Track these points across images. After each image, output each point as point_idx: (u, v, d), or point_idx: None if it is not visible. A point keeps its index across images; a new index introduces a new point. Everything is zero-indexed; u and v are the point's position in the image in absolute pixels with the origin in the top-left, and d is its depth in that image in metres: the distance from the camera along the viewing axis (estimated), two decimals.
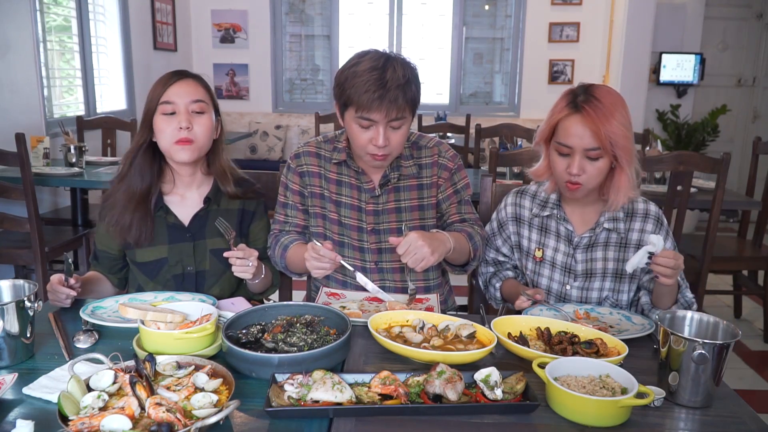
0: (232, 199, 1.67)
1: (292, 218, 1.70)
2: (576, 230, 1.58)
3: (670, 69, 5.70)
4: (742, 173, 5.77)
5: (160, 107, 1.53)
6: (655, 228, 1.54)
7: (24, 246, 2.84)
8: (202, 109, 1.55)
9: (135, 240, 1.58)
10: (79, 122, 3.94)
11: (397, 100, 1.44)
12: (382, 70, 1.44)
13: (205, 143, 1.58)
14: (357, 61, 1.48)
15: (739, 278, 3.49)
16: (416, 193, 1.66)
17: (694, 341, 1.06)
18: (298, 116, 6.17)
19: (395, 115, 1.46)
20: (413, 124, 1.63)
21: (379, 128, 1.48)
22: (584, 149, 1.43)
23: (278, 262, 1.67)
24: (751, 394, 2.76)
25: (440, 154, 1.67)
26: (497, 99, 6.33)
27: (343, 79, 1.49)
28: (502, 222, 1.70)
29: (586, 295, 1.59)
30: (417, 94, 1.50)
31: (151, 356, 1.08)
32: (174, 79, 1.55)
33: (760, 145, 3.43)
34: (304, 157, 1.69)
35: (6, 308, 1.16)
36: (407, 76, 1.46)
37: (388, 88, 1.43)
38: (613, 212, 1.55)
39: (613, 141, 1.40)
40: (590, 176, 1.45)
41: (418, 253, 1.40)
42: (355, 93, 1.45)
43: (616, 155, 1.43)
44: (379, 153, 1.51)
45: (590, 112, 1.40)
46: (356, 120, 1.49)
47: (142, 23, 5.06)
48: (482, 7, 6.11)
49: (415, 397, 1.05)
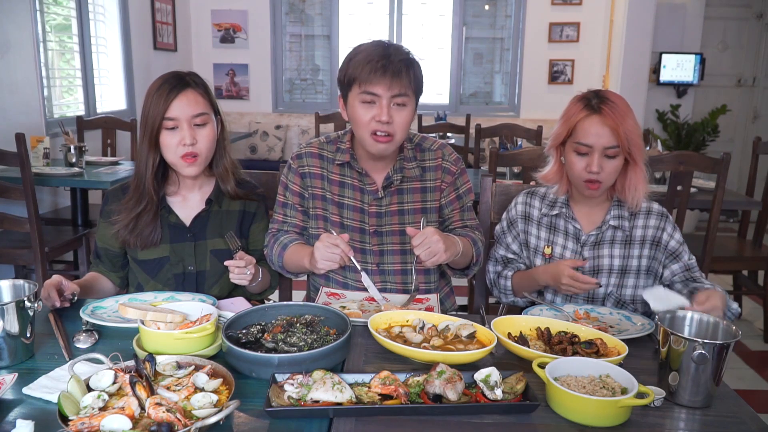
0: (233, 199, 1.66)
1: (291, 218, 1.70)
2: (583, 229, 1.63)
3: (670, 69, 5.70)
4: (742, 173, 5.77)
5: (163, 122, 1.51)
6: (659, 221, 1.60)
7: (24, 246, 2.84)
8: (204, 121, 1.55)
9: (143, 244, 1.59)
10: (79, 122, 3.94)
11: (400, 73, 1.47)
12: (387, 46, 1.50)
13: (209, 154, 1.59)
14: (361, 46, 1.53)
15: (739, 278, 3.49)
16: (419, 196, 1.66)
17: (694, 341, 1.06)
18: (298, 116, 6.17)
19: (398, 89, 1.48)
20: (414, 126, 1.63)
21: (382, 102, 1.49)
22: (603, 147, 1.50)
23: (275, 261, 1.65)
24: (751, 394, 2.76)
25: (444, 157, 1.68)
26: (497, 99, 6.33)
27: (347, 60, 1.53)
28: (512, 220, 1.73)
29: (593, 291, 1.62)
30: (420, 78, 1.54)
31: (151, 356, 1.08)
32: (174, 94, 1.51)
33: (760, 145, 3.43)
34: (306, 158, 1.68)
35: (6, 308, 1.16)
36: (410, 56, 1.52)
37: (391, 60, 1.47)
38: (619, 210, 1.60)
39: (630, 139, 1.49)
40: (608, 174, 1.52)
41: (433, 246, 1.41)
42: (358, 66, 1.48)
43: (631, 152, 1.51)
44: (383, 129, 1.50)
45: (609, 113, 1.49)
46: (360, 97, 1.50)
47: (142, 23, 5.06)
48: (482, 7, 6.11)
49: (415, 397, 1.05)
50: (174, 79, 1.53)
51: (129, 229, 1.57)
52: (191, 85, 1.54)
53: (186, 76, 1.56)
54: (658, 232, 1.60)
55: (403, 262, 1.66)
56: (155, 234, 1.59)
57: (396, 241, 1.66)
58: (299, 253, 1.58)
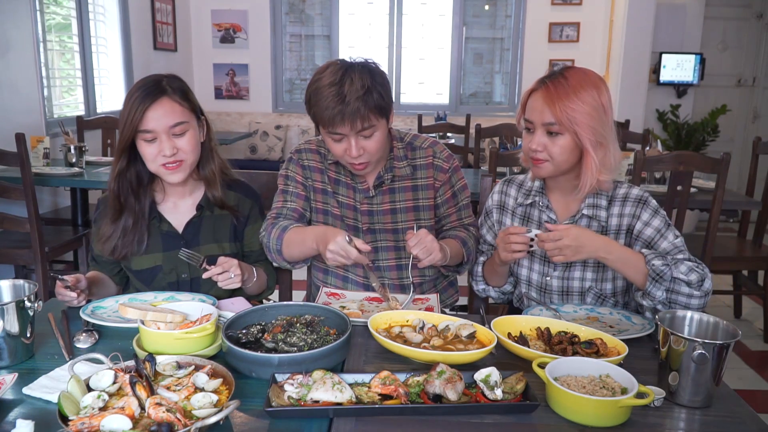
0: (218, 207, 1.63)
1: (291, 203, 1.67)
2: (559, 218, 1.57)
3: (670, 69, 5.70)
4: (742, 173, 5.77)
5: (140, 134, 1.46)
6: (635, 209, 1.50)
7: (24, 246, 2.84)
8: (183, 130, 1.49)
9: (124, 255, 1.58)
10: (79, 122, 3.94)
11: (359, 111, 1.45)
12: (340, 84, 1.45)
13: (193, 158, 1.54)
14: (318, 77, 1.50)
15: (739, 278, 3.49)
16: (411, 194, 1.67)
17: (694, 341, 1.06)
18: (298, 116, 6.17)
19: (361, 125, 1.47)
20: (414, 126, 1.64)
21: (350, 140, 1.50)
22: (543, 124, 1.44)
23: (272, 246, 1.59)
24: (751, 394, 2.76)
25: (435, 155, 1.68)
26: (497, 99, 6.33)
27: (308, 96, 1.52)
28: (488, 210, 1.70)
29: (568, 285, 1.57)
30: (382, 100, 1.48)
31: (151, 356, 1.08)
32: (147, 103, 1.44)
33: (760, 145, 3.43)
34: (306, 152, 1.70)
35: (6, 308, 1.16)
36: (366, 85, 1.45)
37: (347, 102, 1.44)
38: (595, 199, 1.53)
39: (572, 118, 1.40)
40: (552, 153, 1.45)
41: (428, 245, 1.44)
42: (319, 110, 1.48)
43: (577, 134, 1.42)
44: (356, 162, 1.53)
45: (550, 88, 1.42)
46: (328, 134, 1.52)
47: (142, 23, 5.06)
48: (482, 7, 6.11)
49: (415, 397, 1.05)
50: (149, 87, 1.46)
51: (114, 242, 1.56)
52: (167, 92, 1.47)
53: (163, 80, 1.49)
54: (633, 220, 1.50)
55: (398, 258, 1.68)
56: (141, 245, 1.57)
57: (389, 239, 1.67)
58: (304, 233, 1.54)
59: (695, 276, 1.36)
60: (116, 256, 1.58)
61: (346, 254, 1.38)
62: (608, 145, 1.45)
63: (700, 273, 1.37)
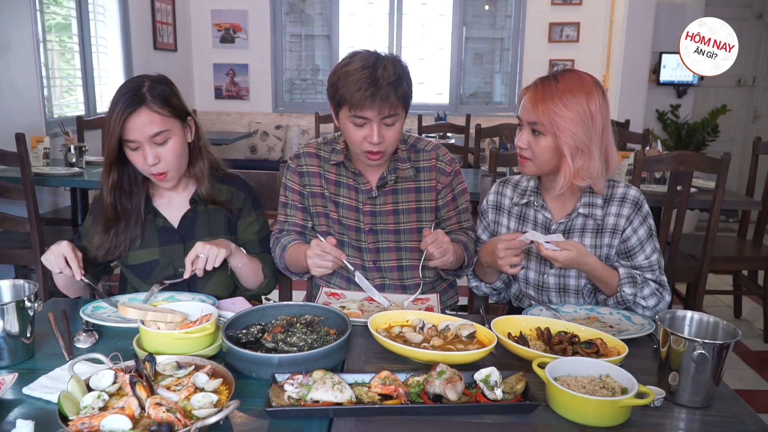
0: (209, 204, 1.64)
1: (291, 217, 1.71)
2: (554, 218, 1.59)
3: (670, 69, 5.70)
4: (742, 173, 5.76)
5: (124, 142, 1.49)
6: (631, 212, 1.53)
7: (24, 246, 2.84)
8: (164, 138, 1.49)
9: (117, 255, 1.59)
10: (79, 122, 3.93)
11: (389, 97, 1.46)
12: (373, 68, 1.46)
13: (180, 164, 1.55)
14: (348, 61, 1.51)
15: (739, 278, 3.49)
16: (414, 196, 1.68)
17: (694, 341, 1.06)
18: (298, 116, 6.17)
19: (388, 111, 1.48)
20: (414, 126, 1.65)
21: (373, 126, 1.50)
22: (528, 122, 1.47)
23: (279, 264, 1.68)
24: (751, 394, 2.76)
25: (438, 158, 1.69)
26: (497, 99, 6.33)
27: (335, 79, 1.51)
28: (483, 210, 1.72)
29: (564, 283, 1.59)
30: (408, 91, 1.53)
31: (151, 356, 1.08)
32: (126, 113, 1.44)
33: (760, 145, 3.43)
34: (303, 157, 1.71)
35: (6, 308, 1.16)
36: (398, 73, 1.49)
37: (379, 86, 1.45)
38: (591, 197, 1.54)
39: (553, 121, 1.42)
40: (535, 152, 1.48)
41: (444, 246, 1.47)
42: (348, 92, 1.47)
43: (557, 136, 1.43)
44: (375, 149, 1.53)
45: (537, 89, 1.46)
46: (350, 119, 1.51)
47: (142, 23, 5.06)
48: (482, 7, 6.11)
49: (415, 397, 1.05)
50: (129, 96, 1.46)
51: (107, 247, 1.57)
52: (146, 101, 1.46)
53: (144, 86, 1.47)
54: (627, 223, 1.52)
55: (399, 259, 1.69)
56: (135, 242, 1.59)
57: (391, 239, 1.68)
58: (297, 253, 1.59)
59: (653, 301, 1.50)
60: (110, 256, 1.60)
61: (322, 250, 1.42)
62: (591, 152, 1.44)
63: (658, 298, 1.51)
